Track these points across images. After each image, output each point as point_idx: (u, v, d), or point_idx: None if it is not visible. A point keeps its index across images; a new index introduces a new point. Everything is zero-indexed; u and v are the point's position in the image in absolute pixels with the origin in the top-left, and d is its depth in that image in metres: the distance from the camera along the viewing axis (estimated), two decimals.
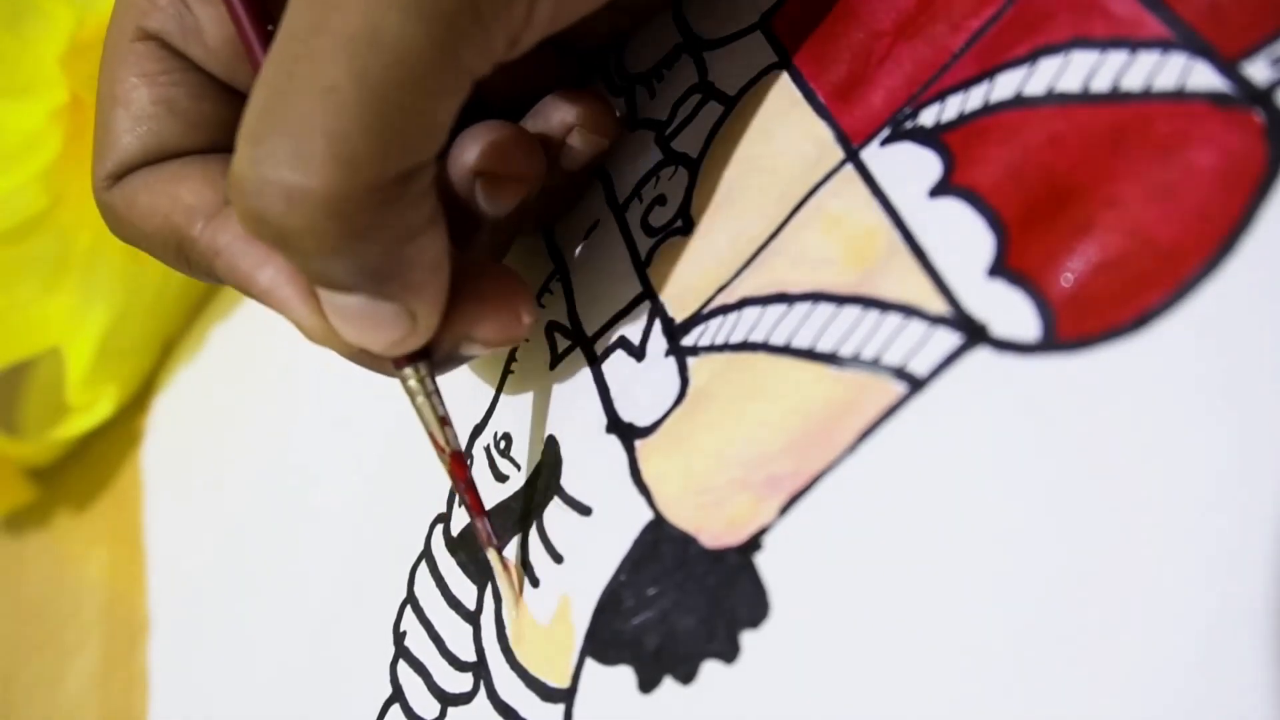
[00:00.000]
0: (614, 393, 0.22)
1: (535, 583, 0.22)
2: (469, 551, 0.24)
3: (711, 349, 0.21)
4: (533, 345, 0.25)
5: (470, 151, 0.21)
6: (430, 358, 0.21)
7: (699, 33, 0.25)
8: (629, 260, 0.23)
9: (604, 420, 0.22)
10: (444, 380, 0.24)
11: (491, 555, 0.22)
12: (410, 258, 0.19)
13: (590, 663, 0.20)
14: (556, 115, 0.23)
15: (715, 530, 0.19)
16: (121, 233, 0.23)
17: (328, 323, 0.20)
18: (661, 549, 0.20)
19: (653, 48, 0.25)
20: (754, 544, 0.18)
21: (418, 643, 0.24)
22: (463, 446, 0.25)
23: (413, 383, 0.21)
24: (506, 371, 0.25)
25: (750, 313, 0.20)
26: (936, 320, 0.18)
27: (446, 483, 0.25)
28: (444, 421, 0.22)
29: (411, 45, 0.17)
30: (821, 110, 0.21)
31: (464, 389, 0.26)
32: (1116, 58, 0.17)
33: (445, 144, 0.19)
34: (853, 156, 0.20)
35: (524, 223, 0.25)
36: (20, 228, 0.34)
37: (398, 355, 0.21)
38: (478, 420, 0.25)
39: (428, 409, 0.21)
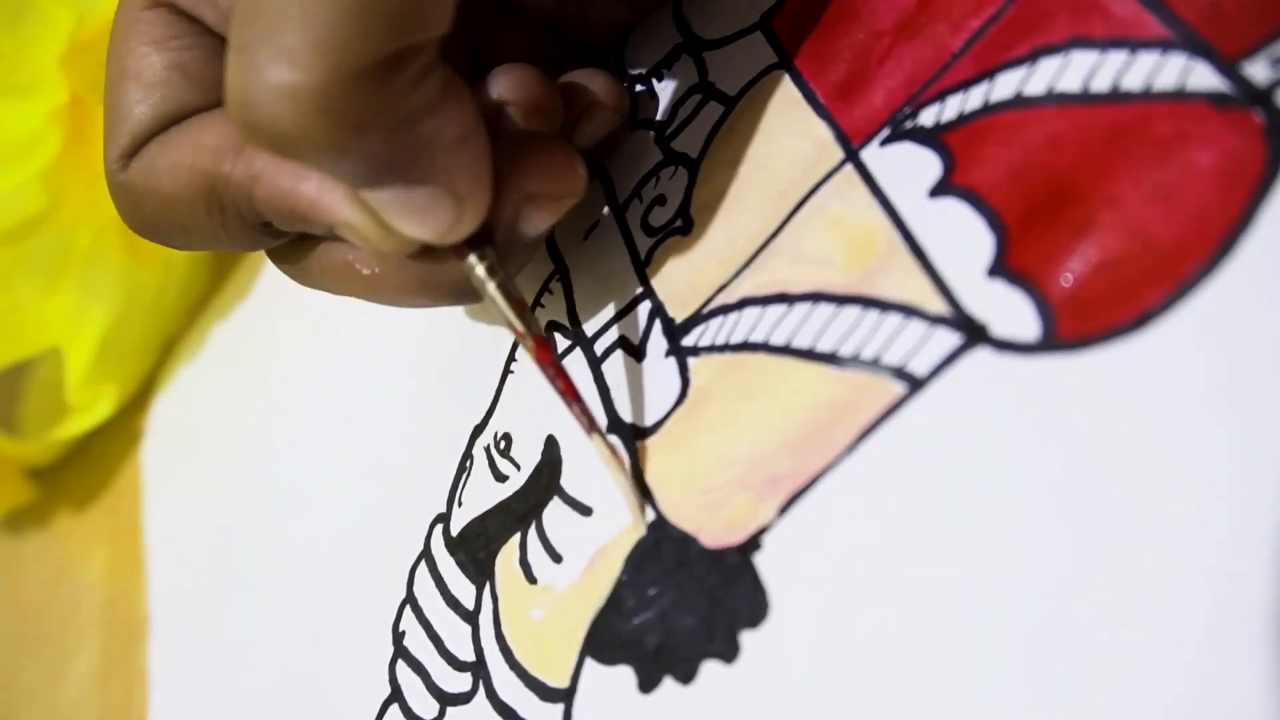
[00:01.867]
0: (614, 393, 0.22)
1: (533, 581, 0.22)
2: (468, 551, 0.24)
3: (712, 349, 0.21)
4: None
5: (497, 84, 0.21)
6: (493, 240, 0.20)
7: (699, 33, 0.25)
8: (629, 260, 0.23)
9: (604, 421, 0.22)
10: (444, 379, 0.24)
11: (596, 440, 0.21)
12: (426, 139, 0.18)
13: (590, 662, 0.20)
14: (572, 92, 0.23)
15: (715, 530, 0.19)
16: (142, 212, 0.22)
17: (381, 222, 0.19)
18: (662, 549, 0.20)
19: (653, 48, 0.25)
20: (754, 544, 0.18)
21: (417, 642, 0.24)
22: (463, 447, 0.25)
23: (480, 270, 0.20)
24: (506, 371, 0.25)
25: (750, 313, 0.20)
26: (936, 320, 0.18)
27: (446, 482, 0.25)
28: (521, 306, 0.21)
29: None
30: (821, 110, 0.21)
31: (465, 389, 0.26)
32: (1116, 58, 0.17)
33: (448, 29, 0.18)
34: (853, 156, 0.20)
35: None
36: (20, 228, 0.35)
37: (455, 242, 0.20)
38: (478, 420, 0.25)
39: (501, 296, 0.20)
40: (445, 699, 0.23)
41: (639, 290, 0.23)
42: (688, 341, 0.21)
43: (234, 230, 0.22)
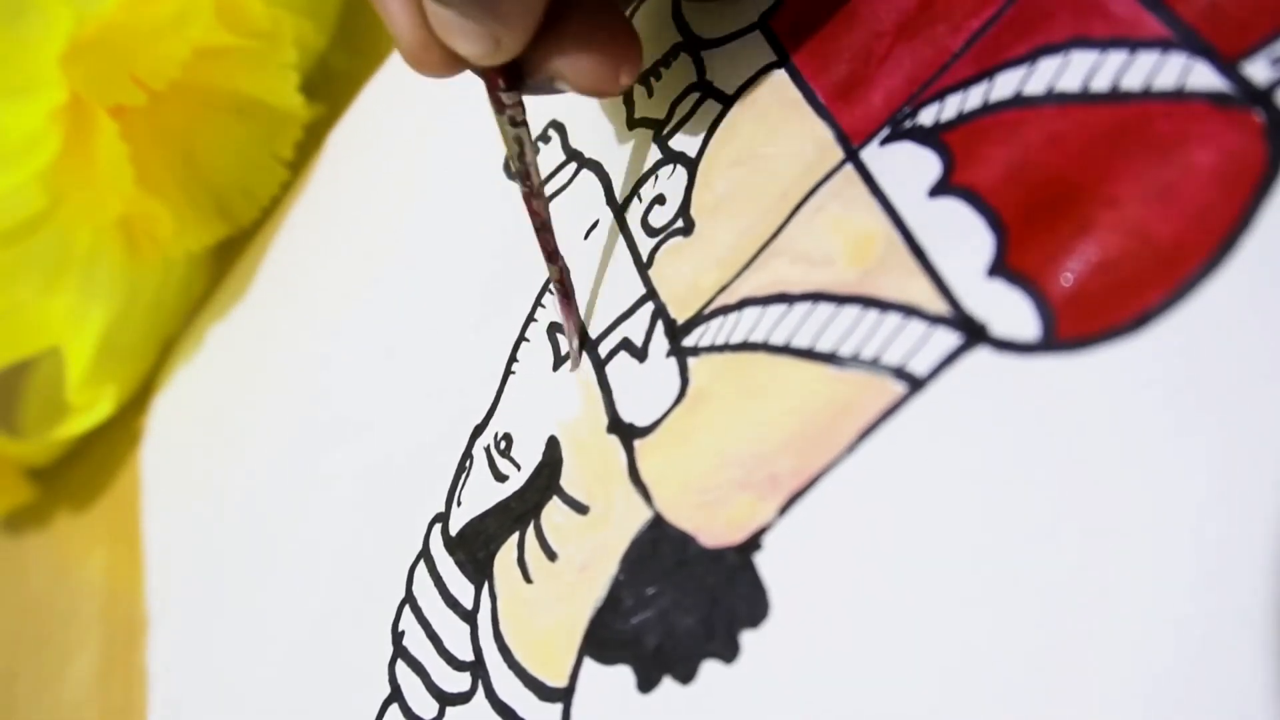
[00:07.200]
0: (616, 393, 0.22)
1: (530, 581, 0.22)
2: (467, 551, 0.24)
3: (712, 349, 0.21)
4: (535, 347, 0.25)
5: None
6: (520, 82, 0.22)
7: (698, 32, 0.25)
8: (631, 261, 0.23)
9: (605, 420, 0.22)
10: (444, 379, 0.23)
11: (552, 270, 0.23)
12: None
13: (589, 662, 0.20)
14: None
15: (714, 530, 0.19)
16: None
17: (427, 31, 0.21)
18: (660, 548, 0.20)
19: (651, 46, 0.25)
20: (754, 543, 0.18)
21: (416, 642, 0.24)
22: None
23: (504, 96, 0.22)
24: (508, 372, 0.25)
25: (751, 313, 0.20)
26: (936, 320, 0.18)
27: (446, 482, 0.25)
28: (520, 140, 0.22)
29: None
30: (821, 110, 0.21)
31: (465, 389, 0.26)
32: (1116, 58, 0.17)
33: None
34: (852, 156, 0.20)
35: None
36: (20, 228, 0.34)
37: (483, 66, 0.21)
38: (478, 420, 0.25)
39: (507, 127, 0.22)
40: (444, 699, 0.23)
41: (641, 291, 0.23)
42: (688, 342, 0.21)
43: None
